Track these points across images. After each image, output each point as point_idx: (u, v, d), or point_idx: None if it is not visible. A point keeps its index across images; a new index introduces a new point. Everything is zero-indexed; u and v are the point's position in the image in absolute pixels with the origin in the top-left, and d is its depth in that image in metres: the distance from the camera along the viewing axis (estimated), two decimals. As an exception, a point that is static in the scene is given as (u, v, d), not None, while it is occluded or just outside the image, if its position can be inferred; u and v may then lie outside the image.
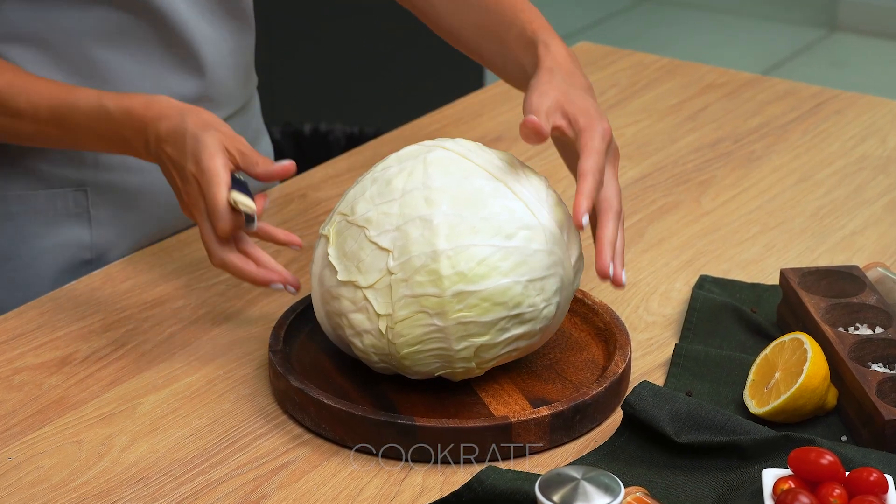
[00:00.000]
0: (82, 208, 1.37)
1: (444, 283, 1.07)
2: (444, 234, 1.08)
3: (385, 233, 1.09)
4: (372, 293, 1.09)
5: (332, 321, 1.13)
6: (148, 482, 1.07)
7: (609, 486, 0.91)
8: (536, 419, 1.09)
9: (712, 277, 1.34)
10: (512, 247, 1.08)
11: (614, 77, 1.84)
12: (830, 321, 1.19)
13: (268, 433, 1.13)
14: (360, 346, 1.12)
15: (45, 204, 1.37)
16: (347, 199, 1.14)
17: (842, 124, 1.70)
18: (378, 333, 1.09)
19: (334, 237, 1.12)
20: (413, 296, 1.08)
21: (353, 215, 1.11)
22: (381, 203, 1.10)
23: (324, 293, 1.13)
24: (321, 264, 1.13)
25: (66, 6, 1.29)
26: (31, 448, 1.11)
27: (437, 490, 1.06)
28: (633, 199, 1.52)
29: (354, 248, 1.10)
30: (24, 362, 1.22)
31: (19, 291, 1.38)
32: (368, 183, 1.13)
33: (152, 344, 1.25)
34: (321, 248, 1.14)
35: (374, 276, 1.09)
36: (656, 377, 1.20)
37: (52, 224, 1.37)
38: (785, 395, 1.11)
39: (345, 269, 1.10)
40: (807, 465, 0.98)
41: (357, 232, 1.10)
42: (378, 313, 1.09)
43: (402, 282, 1.08)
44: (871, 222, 1.47)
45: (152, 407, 1.16)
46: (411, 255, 1.08)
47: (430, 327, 1.08)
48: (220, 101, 1.42)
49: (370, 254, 1.09)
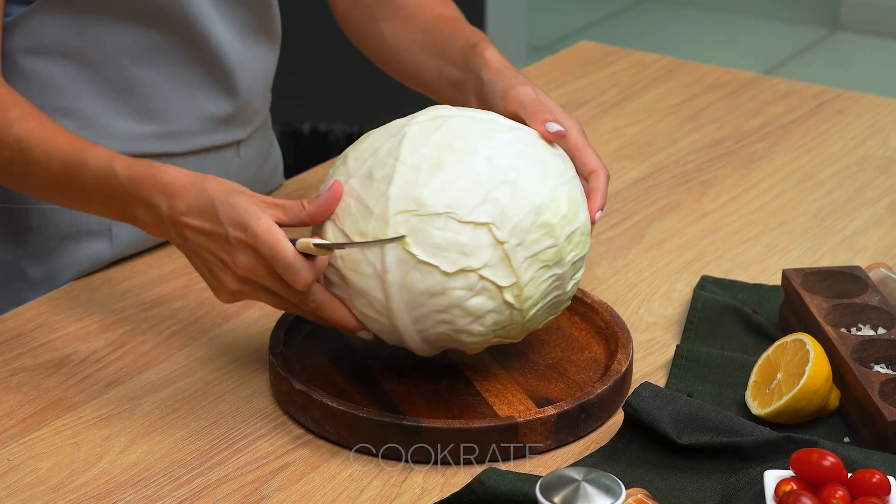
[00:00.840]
0: (104, 225, 1.36)
1: (556, 231, 1.09)
2: (532, 189, 1.08)
3: (475, 208, 1.07)
4: (489, 271, 1.07)
5: (430, 322, 1.08)
6: (147, 484, 1.07)
7: (610, 488, 0.91)
8: (542, 419, 1.09)
9: (714, 278, 1.34)
10: (573, 181, 1.13)
11: (615, 77, 1.84)
12: (832, 322, 1.19)
13: (267, 434, 1.12)
14: (477, 332, 1.09)
15: (66, 219, 1.35)
16: (394, 197, 1.07)
17: (844, 124, 1.70)
18: (503, 306, 1.08)
19: (413, 237, 1.07)
20: (532, 255, 1.08)
21: (424, 207, 1.07)
22: (448, 183, 1.07)
23: (413, 300, 1.07)
24: (401, 272, 1.07)
25: (105, 23, 1.29)
26: (30, 449, 1.10)
27: (437, 492, 1.06)
28: (634, 199, 1.52)
29: (448, 236, 1.06)
30: (22, 363, 1.22)
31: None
32: (392, 172, 1.08)
33: (151, 345, 1.24)
34: (393, 255, 1.07)
35: (484, 253, 1.06)
36: (657, 378, 1.20)
37: (73, 239, 1.36)
38: (787, 397, 1.11)
39: (449, 261, 1.06)
40: (809, 467, 0.98)
41: (442, 220, 1.07)
42: (501, 286, 1.07)
43: (517, 247, 1.07)
44: (874, 223, 1.47)
45: (151, 408, 1.16)
46: (516, 218, 1.07)
47: (551, 278, 1.10)
48: (247, 121, 1.42)
49: (469, 234, 1.07)
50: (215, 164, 1.40)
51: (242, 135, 1.42)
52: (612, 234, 1.44)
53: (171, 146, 1.36)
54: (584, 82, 1.82)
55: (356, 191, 1.09)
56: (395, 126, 1.13)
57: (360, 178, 1.09)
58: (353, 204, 1.09)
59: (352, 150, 1.13)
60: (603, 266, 1.38)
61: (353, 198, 1.09)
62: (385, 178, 1.08)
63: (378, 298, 1.08)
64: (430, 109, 1.14)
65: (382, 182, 1.08)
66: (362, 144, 1.12)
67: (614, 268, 1.38)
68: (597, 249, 1.40)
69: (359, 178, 1.09)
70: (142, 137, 1.34)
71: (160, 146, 1.36)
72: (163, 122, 1.35)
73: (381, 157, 1.10)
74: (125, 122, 1.33)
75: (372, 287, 1.08)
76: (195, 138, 1.38)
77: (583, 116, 1.71)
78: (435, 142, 1.09)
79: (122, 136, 1.33)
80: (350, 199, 1.09)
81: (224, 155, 1.41)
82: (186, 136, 1.37)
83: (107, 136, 1.32)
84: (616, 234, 1.44)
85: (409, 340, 1.10)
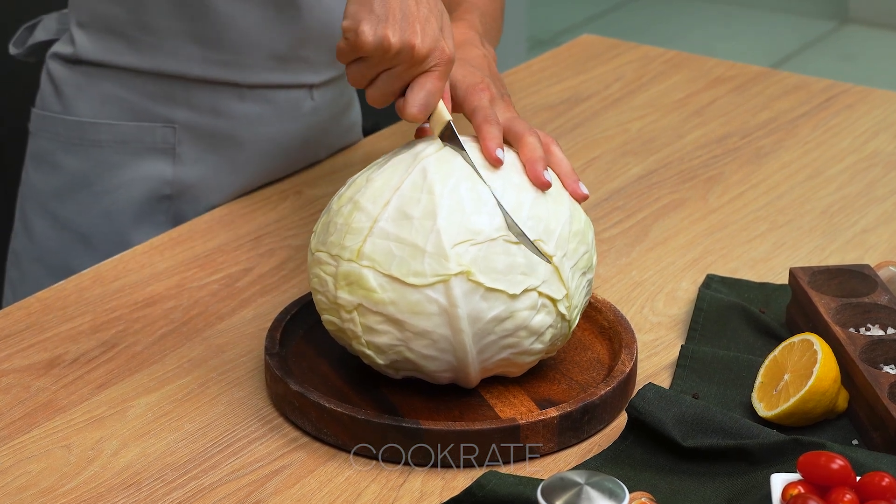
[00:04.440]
0: (169, 144, 1.44)
1: (586, 237, 1.13)
2: (557, 199, 1.12)
3: (524, 227, 1.09)
4: (546, 286, 1.09)
5: (494, 350, 1.09)
6: (139, 487, 1.06)
7: (613, 492, 0.91)
8: (545, 420, 1.09)
9: (719, 277, 1.33)
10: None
11: (619, 70, 1.84)
12: (841, 322, 1.19)
13: (262, 437, 1.12)
14: (537, 350, 1.11)
15: (133, 135, 1.43)
16: (445, 230, 1.07)
17: (853, 119, 1.70)
18: (558, 319, 1.11)
19: (479, 265, 1.07)
20: (574, 265, 1.11)
21: (480, 234, 1.08)
22: (493, 206, 1.08)
23: (482, 329, 1.08)
24: (469, 303, 1.07)
25: None
26: (19, 452, 1.10)
27: (436, 495, 1.06)
28: (639, 196, 1.51)
29: (507, 259, 1.08)
30: (11, 364, 1.21)
31: (98, 218, 1.45)
32: (433, 207, 1.08)
33: (143, 345, 1.24)
34: (459, 288, 1.06)
35: (540, 269, 1.09)
36: (662, 379, 1.20)
37: (137, 156, 1.44)
38: (794, 398, 1.10)
39: (513, 283, 1.08)
40: (817, 470, 0.98)
41: (499, 245, 1.08)
42: (556, 299, 1.10)
43: (563, 258, 1.10)
44: (883, 220, 1.47)
45: (143, 410, 1.15)
46: (557, 231, 1.10)
47: (586, 284, 1.14)
48: (318, 66, 1.46)
49: (524, 254, 1.08)
50: (285, 103, 1.46)
51: (315, 79, 1.47)
52: (616, 231, 1.44)
53: (238, 76, 1.42)
54: (587, 77, 1.82)
55: (392, 233, 1.08)
56: (400, 162, 1.12)
57: (390, 220, 1.08)
58: (395, 246, 1.07)
59: (359, 196, 1.11)
60: (606, 264, 1.38)
61: (390, 241, 1.08)
62: (427, 214, 1.08)
63: (444, 335, 1.08)
64: (429, 138, 1.15)
65: (425, 218, 1.08)
66: (373, 186, 1.10)
67: (618, 266, 1.38)
68: (600, 248, 1.40)
69: (388, 220, 1.08)
70: (210, 62, 1.41)
71: (226, 74, 1.42)
72: (231, 52, 1.41)
73: (409, 193, 1.09)
74: (194, 45, 1.40)
75: (437, 325, 1.07)
76: (262, 74, 1.43)
77: (586, 111, 1.71)
78: (460, 169, 1.10)
79: (189, 58, 1.40)
80: (387, 242, 1.08)
81: (296, 94, 1.46)
82: (252, 70, 1.43)
83: (173, 56, 1.40)
84: (619, 231, 1.44)
85: (471, 373, 1.11)
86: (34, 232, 1.48)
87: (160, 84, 1.42)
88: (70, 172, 1.45)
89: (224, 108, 1.44)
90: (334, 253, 1.09)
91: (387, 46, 1.08)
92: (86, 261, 1.42)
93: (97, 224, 1.45)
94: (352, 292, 1.08)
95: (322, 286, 1.11)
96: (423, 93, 1.11)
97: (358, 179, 1.13)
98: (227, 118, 1.44)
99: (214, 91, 1.43)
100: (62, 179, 1.46)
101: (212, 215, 1.44)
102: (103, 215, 1.45)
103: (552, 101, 1.73)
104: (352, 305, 1.08)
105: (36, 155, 1.47)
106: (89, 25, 1.42)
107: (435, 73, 1.11)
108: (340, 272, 1.09)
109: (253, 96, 1.44)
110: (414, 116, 1.11)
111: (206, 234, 1.41)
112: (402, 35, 1.09)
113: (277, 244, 1.40)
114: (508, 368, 1.13)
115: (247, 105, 1.44)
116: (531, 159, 1.13)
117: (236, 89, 1.43)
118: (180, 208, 1.46)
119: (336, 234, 1.10)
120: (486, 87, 1.19)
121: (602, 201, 1.49)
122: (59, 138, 1.45)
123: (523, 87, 1.76)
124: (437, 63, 1.11)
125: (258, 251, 1.38)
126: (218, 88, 1.43)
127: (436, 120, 1.13)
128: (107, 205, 1.44)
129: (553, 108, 1.71)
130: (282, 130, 1.47)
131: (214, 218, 1.44)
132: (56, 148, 1.45)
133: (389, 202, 1.09)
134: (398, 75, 1.11)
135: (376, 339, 1.09)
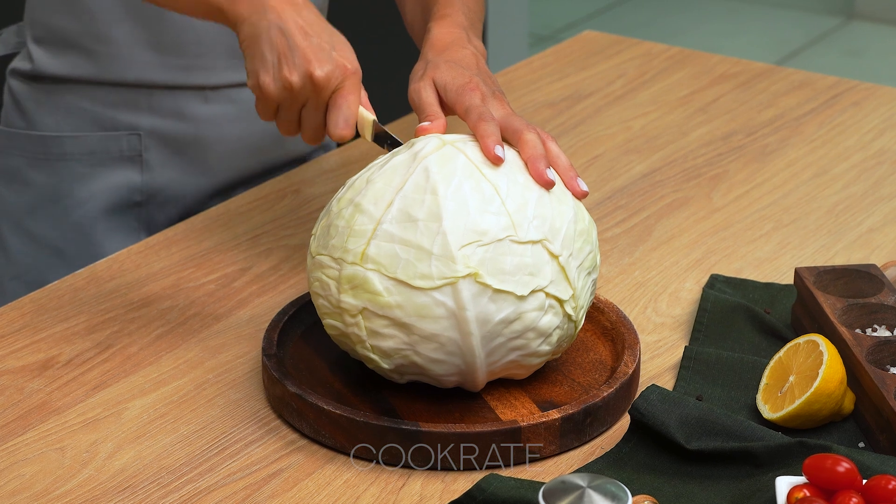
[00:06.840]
0: (136, 152, 1.45)
1: (591, 236, 1.13)
2: (561, 197, 1.11)
3: (530, 227, 1.08)
4: (553, 287, 1.08)
5: (502, 352, 1.09)
6: (134, 490, 1.06)
7: (616, 495, 0.91)
8: (546, 423, 1.08)
9: (724, 277, 1.33)
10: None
11: (622, 67, 1.84)
12: (847, 322, 1.18)
13: (260, 439, 1.11)
14: (544, 352, 1.10)
15: (98, 146, 1.44)
16: (451, 231, 1.06)
17: (859, 116, 1.71)
18: (565, 320, 1.10)
19: (487, 267, 1.06)
20: (580, 264, 1.11)
21: (486, 235, 1.07)
22: (498, 207, 1.08)
23: (490, 331, 1.07)
24: (478, 305, 1.06)
25: None
26: (13, 455, 1.10)
27: (436, 498, 1.05)
28: (642, 194, 1.51)
29: (515, 259, 1.07)
30: (4, 366, 1.21)
31: (70, 231, 1.46)
32: (437, 208, 1.07)
33: (139, 346, 1.24)
34: (467, 290, 1.06)
35: (546, 269, 1.08)
36: (665, 381, 1.19)
37: (105, 166, 1.45)
38: (800, 400, 1.10)
39: (521, 284, 1.07)
40: (822, 473, 0.98)
41: (505, 245, 1.07)
42: (562, 300, 1.09)
43: (569, 258, 1.10)
44: (890, 219, 1.47)
45: (139, 412, 1.15)
46: (562, 230, 1.09)
47: (591, 284, 1.14)
48: None
49: (531, 253, 1.08)
50: (250, 101, 1.46)
51: None
52: (619, 231, 1.44)
53: (199, 79, 1.43)
54: (589, 73, 1.82)
55: (396, 235, 1.07)
56: (400, 162, 1.10)
57: (393, 222, 1.07)
58: (400, 249, 1.06)
59: (360, 198, 1.10)
60: (609, 264, 1.37)
61: (395, 243, 1.07)
62: (432, 215, 1.07)
63: (452, 339, 1.07)
64: (428, 137, 1.14)
65: (430, 220, 1.07)
66: (374, 187, 1.09)
67: (620, 266, 1.37)
68: (602, 247, 1.40)
69: (392, 222, 1.07)
70: (170, 68, 1.42)
71: (188, 78, 1.43)
72: (190, 55, 1.42)
73: (412, 195, 1.08)
74: (152, 52, 1.41)
75: (445, 328, 1.07)
76: (223, 74, 1.44)
77: (588, 109, 1.71)
78: (462, 168, 1.09)
79: (149, 65, 1.41)
80: (391, 244, 1.07)
81: None
82: (212, 71, 1.44)
83: (132, 64, 1.41)
84: (622, 231, 1.44)
85: (478, 377, 1.10)
86: (10, 250, 1.49)
87: (122, 93, 1.43)
88: (39, 187, 1.46)
89: (188, 111, 1.45)
90: (337, 256, 1.08)
91: (289, 87, 1.12)
92: (61, 274, 1.41)
93: (70, 237, 1.45)
94: (356, 296, 1.07)
95: (324, 290, 1.09)
96: (339, 111, 1.14)
97: (357, 181, 1.12)
98: (192, 121, 1.46)
99: (177, 95, 1.44)
100: (32, 195, 1.47)
101: (208, 214, 1.44)
102: (75, 228, 1.46)
103: (553, 99, 1.73)
104: (356, 309, 1.07)
105: (5, 172, 1.48)
106: (46, 40, 1.43)
107: (344, 89, 1.14)
108: (344, 275, 1.08)
109: (216, 97, 1.45)
110: (340, 136, 1.14)
111: (203, 234, 1.40)
112: (298, 70, 1.12)
113: (274, 243, 1.39)
114: (515, 371, 1.12)
115: (211, 106, 1.45)
116: (532, 157, 1.12)
117: (199, 92, 1.44)
118: (152, 214, 1.48)
119: (338, 237, 1.09)
120: (475, 86, 1.19)
121: (604, 200, 1.49)
122: (25, 154, 1.46)
123: (524, 84, 1.76)
124: (342, 79, 1.13)
125: (255, 250, 1.37)
126: (180, 92, 1.44)
127: (362, 125, 1.16)
128: (78, 217, 1.46)
129: (554, 105, 1.71)
130: (248, 129, 1.48)
131: (211, 217, 1.44)
132: (23, 164, 1.47)
133: (392, 204, 1.08)
134: (314, 107, 1.14)
135: (382, 344, 1.08)
